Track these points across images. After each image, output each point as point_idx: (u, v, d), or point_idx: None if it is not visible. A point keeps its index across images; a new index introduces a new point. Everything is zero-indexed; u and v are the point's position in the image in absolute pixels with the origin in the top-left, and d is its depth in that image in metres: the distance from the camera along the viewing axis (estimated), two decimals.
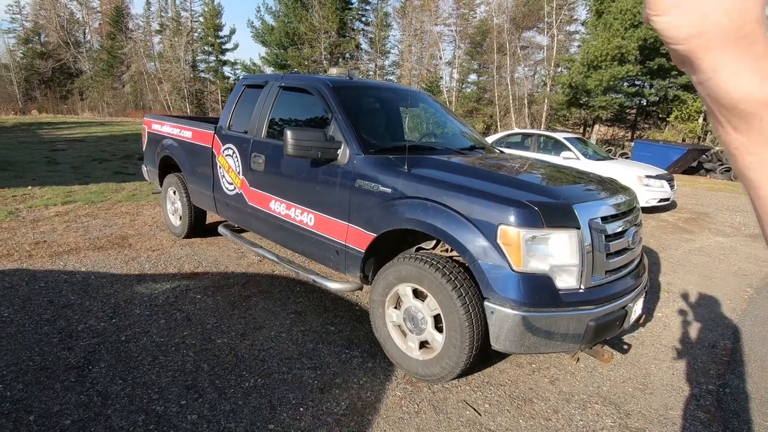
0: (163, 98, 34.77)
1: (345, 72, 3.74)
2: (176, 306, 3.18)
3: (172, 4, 37.64)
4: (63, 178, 7.53)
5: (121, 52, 36.77)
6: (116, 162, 9.77)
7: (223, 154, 3.79)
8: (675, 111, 23.09)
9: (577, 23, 30.03)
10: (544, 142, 9.28)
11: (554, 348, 2.22)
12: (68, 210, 5.52)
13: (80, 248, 4.20)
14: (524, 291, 2.06)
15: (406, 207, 2.43)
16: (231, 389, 2.29)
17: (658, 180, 7.90)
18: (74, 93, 38.17)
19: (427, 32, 34.46)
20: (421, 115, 4.29)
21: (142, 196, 6.50)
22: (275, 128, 3.45)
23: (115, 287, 3.42)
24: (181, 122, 4.50)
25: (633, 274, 2.52)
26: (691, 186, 12.80)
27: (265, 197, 3.39)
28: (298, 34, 29.44)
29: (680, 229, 6.94)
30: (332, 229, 2.88)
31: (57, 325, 2.80)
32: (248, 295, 3.45)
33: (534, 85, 30.90)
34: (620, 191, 2.67)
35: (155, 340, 2.71)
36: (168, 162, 4.69)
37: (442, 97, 30.86)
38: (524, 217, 2.07)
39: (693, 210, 8.78)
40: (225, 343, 2.73)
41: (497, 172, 2.77)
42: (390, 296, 2.55)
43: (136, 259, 4.03)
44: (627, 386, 2.60)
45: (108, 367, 2.40)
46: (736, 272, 4.92)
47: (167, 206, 4.81)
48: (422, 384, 2.46)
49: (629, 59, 20.06)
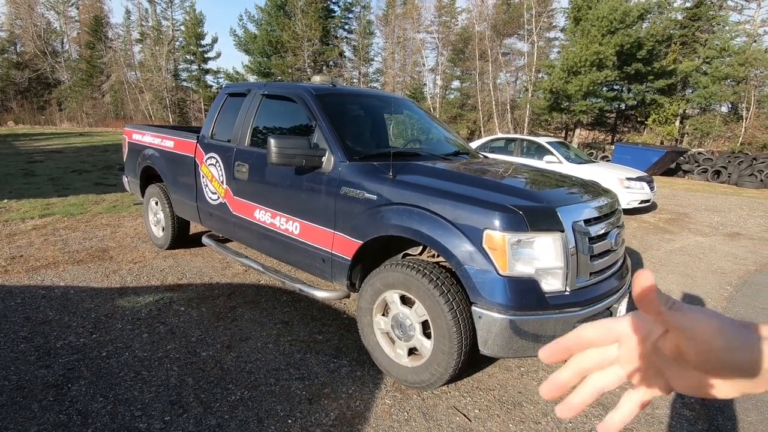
0: (145, 108, 34.30)
1: (328, 80, 3.74)
2: (159, 319, 3.11)
3: (152, 13, 37.29)
4: (41, 190, 7.34)
5: (100, 62, 36.20)
6: (96, 173, 9.58)
7: (206, 163, 3.74)
8: (653, 114, 23.73)
9: (556, 30, 30.74)
10: (527, 146, 9.41)
11: None
12: (46, 223, 5.38)
13: (59, 262, 4.09)
14: (511, 295, 2.07)
15: (392, 213, 2.43)
16: (217, 403, 2.24)
17: (638, 182, 8.07)
18: (52, 103, 37.35)
19: (410, 40, 34.81)
20: (405, 121, 4.32)
21: (123, 208, 6.37)
22: (259, 137, 3.42)
23: (96, 301, 3.33)
24: (163, 132, 4.43)
25: (617, 275, 2.55)
26: (670, 187, 13.12)
27: (249, 206, 3.35)
28: (281, 42, 29.44)
29: (661, 230, 7.09)
30: (318, 237, 2.85)
31: (34, 343, 2.71)
32: (234, 305, 3.39)
33: (516, 91, 31.40)
34: (602, 194, 2.71)
35: (138, 355, 2.64)
36: (150, 172, 4.61)
37: (426, 103, 31.11)
38: (509, 221, 2.09)
39: (673, 211, 8.98)
40: (210, 356, 2.67)
41: (481, 177, 2.79)
42: (377, 303, 2.53)
43: (117, 272, 3.93)
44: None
45: (88, 385, 2.33)
46: (715, 271, 5.04)
47: (149, 217, 4.72)
48: (412, 391, 2.44)
49: (607, 65, 20.55)
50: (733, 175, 14.90)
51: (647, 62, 21.74)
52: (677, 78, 23.22)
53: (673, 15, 24.85)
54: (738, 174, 14.81)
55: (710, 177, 15.55)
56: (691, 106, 24.12)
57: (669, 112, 23.32)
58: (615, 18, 19.90)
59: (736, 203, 10.59)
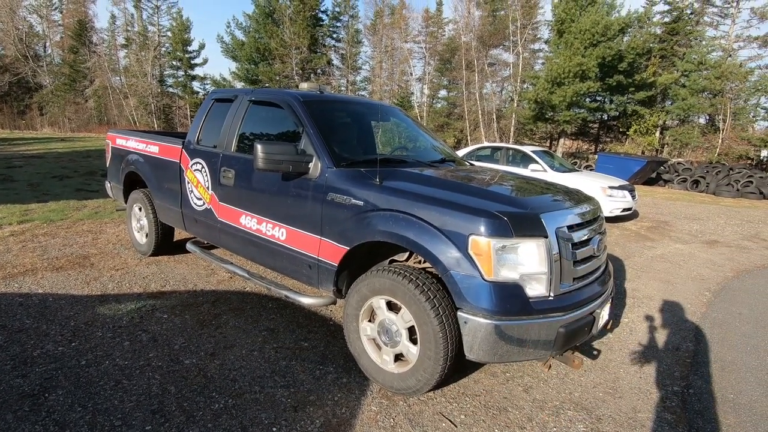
0: (129, 113, 33.83)
1: (316, 87, 3.76)
2: (141, 327, 3.05)
3: (138, 19, 36.94)
4: (19, 196, 7.17)
5: (84, 66, 35.63)
6: (78, 179, 9.39)
7: (191, 169, 3.71)
8: (634, 125, 24.32)
9: (541, 42, 31.37)
10: (512, 155, 9.55)
11: (527, 356, 2.25)
12: (24, 229, 5.24)
13: (37, 269, 3.98)
14: (496, 300, 2.09)
15: (378, 219, 2.44)
16: (200, 412, 2.20)
17: (620, 191, 8.24)
18: (33, 108, 36.57)
19: (397, 49, 35.14)
20: (392, 129, 4.34)
21: (105, 214, 6.25)
22: (245, 142, 3.41)
23: (75, 309, 3.25)
24: (148, 137, 4.38)
25: (599, 280, 2.60)
26: (651, 196, 13.41)
27: (235, 212, 3.32)
28: (269, 49, 29.41)
29: (643, 237, 7.23)
30: (304, 243, 2.84)
31: (10, 351, 2.63)
32: (218, 313, 3.35)
33: (502, 101, 31.86)
34: (585, 201, 2.77)
35: (118, 364, 2.58)
36: (133, 178, 4.55)
37: (413, 112, 31.36)
38: (494, 227, 2.11)
39: (654, 219, 9.18)
40: (194, 364, 2.63)
41: (467, 183, 2.82)
42: (364, 309, 2.53)
43: (98, 279, 3.85)
44: (597, 391, 2.65)
45: (66, 394, 2.27)
46: (695, 277, 5.15)
47: (132, 223, 4.64)
48: (398, 398, 2.43)
49: (590, 76, 21.02)
50: (711, 185, 15.31)
51: (628, 74, 22.32)
52: (657, 90, 23.89)
53: (653, 29, 25.63)
54: (716, 183, 15.23)
55: (689, 186, 15.95)
56: (670, 118, 24.80)
57: (649, 123, 23.94)
58: (597, 31, 20.41)
59: (714, 212, 10.88)
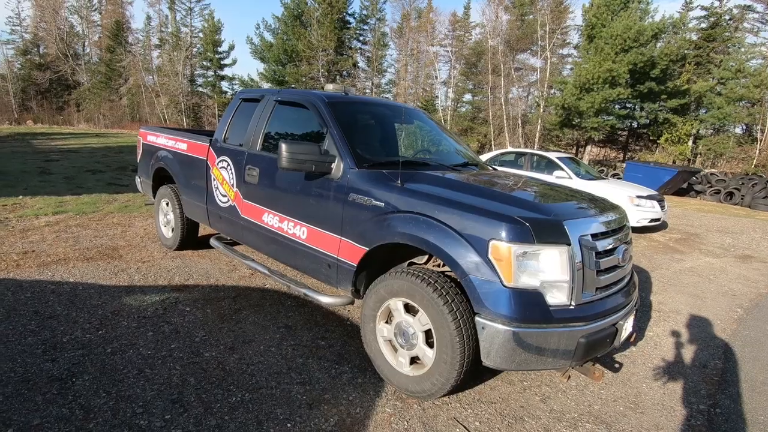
0: (160, 111, 34.91)
1: (341, 88, 3.79)
2: (165, 318, 3.14)
3: (172, 20, 38.15)
4: (55, 188, 7.48)
5: (119, 65, 37.02)
6: (110, 173, 9.74)
7: (217, 166, 3.80)
8: (665, 134, 23.58)
9: (570, 47, 30.84)
10: (537, 161, 9.40)
11: (545, 365, 2.20)
12: (59, 220, 5.47)
13: (69, 258, 4.15)
14: (515, 307, 2.06)
15: (398, 221, 2.44)
16: (217, 404, 2.25)
17: (648, 200, 8.00)
18: (71, 104, 38.23)
19: (423, 52, 35.12)
20: (416, 131, 4.34)
21: (134, 208, 6.46)
22: (270, 142, 3.47)
23: (103, 298, 3.37)
24: (177, 134, 4.51)
25: (623, 291, 2.53)
26: (682, 207, 12.97)
27: (258, 210, 3.38)
28: (296, 51, 29.88)
29: (671, 249, 7.00)
30: (324, 243, 2.87)
31: (41, 336, 2.75)
32: (238, 308, 3.41)
33: (528, 106, 31.44)
34: (610, 209, 2.70)
35: (142, 353, 2.66)
36: (162, 173, 4.68)
37: (438, 115, 31.26)
38: (515, 232, 2.09)
39: (683, 231, 8.87)
40: (213, 357, 2.69)
41: (489, 188, 2.79)
42: (381, 311, 2.53)
43: (125, 271, 3.98)
44: (618, 405, 2.58)
45: (92, 380, 2.35)
46: (726, 293, 4.95)
47: (160, 218, 4.78)
48: (412, 401, 2.43)
49: (620, 82, 20.53)
50: (747, 197, 14.70)
51: (660, 81, 21.67)
52: (691, 98, 23.10)
53: (688, 35, 24.83)
54: (752, 196, 14.61)
55: (723, 198, 15.35)
56: (704, 127, 23.95)
57: (682, 131, 23.17)
58: (629, 36, 19.93)
59: (749, 225, 10.44)
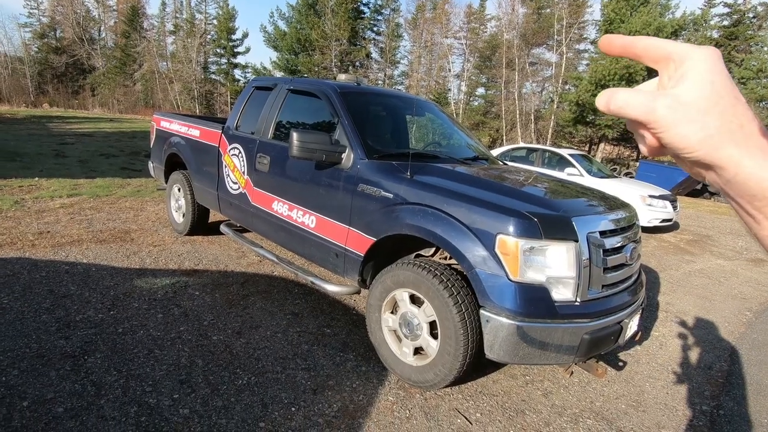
0: (173, 98, 35.14)
1: (353, 78, 3.80)
2: (174, 301, 3.20)
3: (187, 6, 38.21)
4: (70, 171, 7.61)
5: (134, 51, 37.25)
6: (123, 158, 9.87)
7: (229, 153, 3.83)
8: None
9: (587, 42, 30.28)
10: (548, 157, 9.31)
11: (548, 359, 2.22)
12: (73, 202, 5.57)
13: (83, 240, 4.23)
14: (520, 301, 2.07)
15: (406, 213, 2.46)
16: (224, 386, 2.30)
17: (661, 200, 7.89)
18: (86, 89, 38.63)
19: (437, 44, 34.79)
20: (427, 124, 4.33)
21: (146, 192, 6.55)
22: (282, 130, 3.49)
23: (115, 280, 3.44)
24: (190, 121, 4.55)
25: (630, 290, 2.52)
26: (695, 208, 12.78)
27: (268, 198, 3.42)
28: (309, 40, 29.78)
29: (681, 250, 6.92)
30: (333, 232, 2.90)
31: (55, 314, 2.82)
32: (246, 294, 3.46)
33: (541, 101, 31.05)
34: (620, 207, 2.69)
35: (152, 334, 2.72)
36: (174, 159, 4.74)
37: (450, 108, 31.03)
38: (523, 227, 2.09)
39: (695, 232, 8.76)
40: (221, 340, 2.74)
41: (499, 182, 2.79)
42: (387, 301, 2.56)
43: (137, 254, 4.05)
44: (620, 403, 2.59)
45: (103, 358, 2.42)
46: (735, 295, 4.90)
47: (171, 203, 4.85)
48: (415, 390, 2.46)
49: (637, 79, 20.16)
50: None
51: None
52: None
53: (709, 33, 24.26)
54: None
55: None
56: None
57: None
58: (648, 33, 19.54)
59: None
